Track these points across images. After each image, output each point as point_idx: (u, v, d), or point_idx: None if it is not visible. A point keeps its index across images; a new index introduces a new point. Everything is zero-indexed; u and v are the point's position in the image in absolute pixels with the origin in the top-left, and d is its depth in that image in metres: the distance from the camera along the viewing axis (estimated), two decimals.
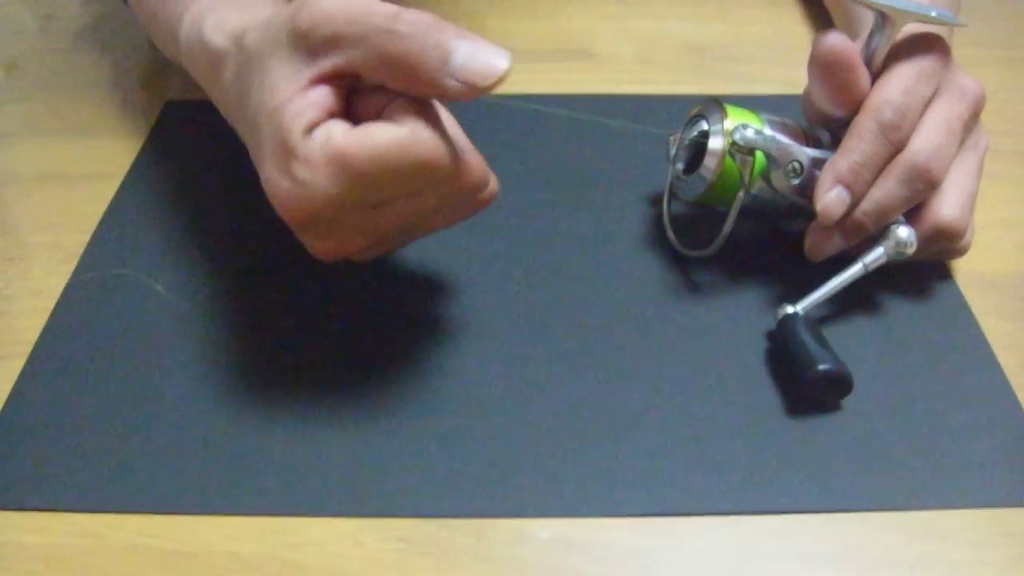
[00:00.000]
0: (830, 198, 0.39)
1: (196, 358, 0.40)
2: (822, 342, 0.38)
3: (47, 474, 0.36)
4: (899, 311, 0.43)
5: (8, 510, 0.35)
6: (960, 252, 0.43)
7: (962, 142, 0.41)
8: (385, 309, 0.43)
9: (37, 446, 0.37)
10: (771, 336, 0.41)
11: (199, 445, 0.37)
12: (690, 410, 0.39)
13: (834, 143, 0.42)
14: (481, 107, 0.54)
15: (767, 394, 0.39)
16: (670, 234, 0.45)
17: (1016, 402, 0.39)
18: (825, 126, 0.43)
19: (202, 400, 0.39)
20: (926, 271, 0.44)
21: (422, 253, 0.45)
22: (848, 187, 0.39)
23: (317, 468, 0.36)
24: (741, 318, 0.43)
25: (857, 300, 0.41)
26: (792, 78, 0.57)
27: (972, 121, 0.41)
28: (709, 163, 0.41)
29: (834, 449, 0.37)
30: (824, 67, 0.39)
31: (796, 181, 0.40)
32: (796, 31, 0.63)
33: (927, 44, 0.40)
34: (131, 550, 0.34)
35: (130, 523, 0.35)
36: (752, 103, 0.43)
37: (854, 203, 0.39)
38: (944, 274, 0.45)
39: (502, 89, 0.32)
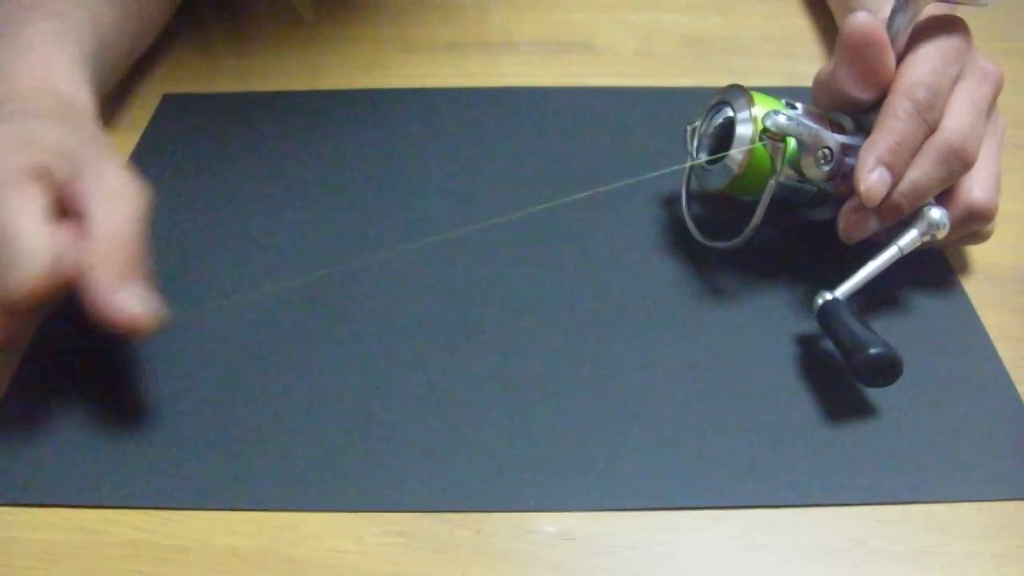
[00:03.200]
0: (873, 179, 0.38)
1: (193, 353, 0.40)
2: (867, 326, 0.38)
3: (45, 470, 0.36)
4: (900, 304, 0.43)
5: (6, 506, 0.35)
6: (985, 236, 0.43)
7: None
8: (385, 305, 0.43)
9: (35, 442, 0.37)
10: (818, 319, 0.39)
11: (196, 440, 0.37)
12: (690, 404, 0.39)
13: (856, 128, 0.41)
14: (481, 101, 0.54)
15: (768, 388, 0.39)
16: (691, 227, 0.44)
17: (1016, 395, 0.39)
18: (845, 110, 0.42)
19: (199, 395, 0.39)
20: (927, 264, 0.44)
21: (426, 249, 0.45)
22: (889, 167, 0.38)
23: (315, 463, 0.36)
24: (747, 312, 0.42)
25: (857, 293, 0.41)
26: (791, 70, 0.58)
27: (993, 103, 0.41)
28: (737, 152, 0.40)
29: (834, 443, 0.37)
30: (854, 48, 0.39)
31: (827, 167, 0.39)
32: (795, 24, 0.63)
33: (949, 25, 0.40)
34: (129, 545, 0.34)
35: (128, 518, 0.35)
36: None
37: (894, 183, 0.39)
38: (945, 267, 0.45)
39: (504, 81, 0.31)
